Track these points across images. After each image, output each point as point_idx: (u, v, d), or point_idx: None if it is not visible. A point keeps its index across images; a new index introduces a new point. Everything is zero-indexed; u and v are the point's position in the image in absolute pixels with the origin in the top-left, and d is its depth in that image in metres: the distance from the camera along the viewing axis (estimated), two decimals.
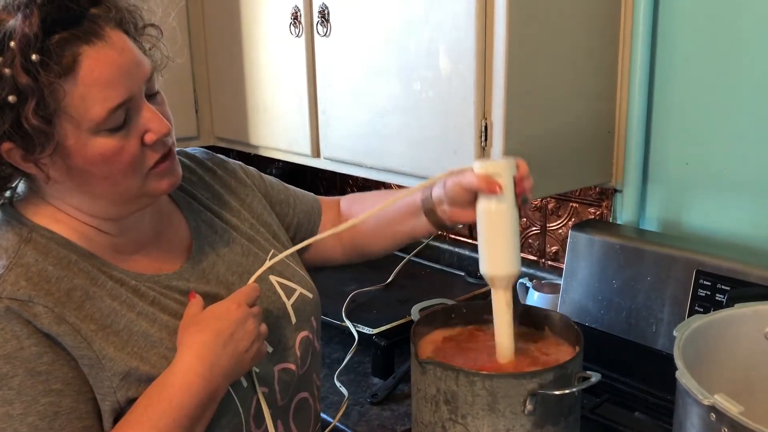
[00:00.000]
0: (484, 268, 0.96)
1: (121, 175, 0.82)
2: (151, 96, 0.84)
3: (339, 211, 1.20)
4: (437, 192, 1.01)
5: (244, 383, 0.92)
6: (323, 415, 1.29)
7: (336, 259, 1.20)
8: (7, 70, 0.72)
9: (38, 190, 0.86)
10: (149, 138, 0.82)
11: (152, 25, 0.88)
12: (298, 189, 1.19)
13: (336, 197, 1.24)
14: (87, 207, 0.86)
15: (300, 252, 1.14)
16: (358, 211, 1.14)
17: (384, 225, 1.12)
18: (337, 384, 1.41)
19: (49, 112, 0.74)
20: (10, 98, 0.73)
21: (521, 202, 0.94)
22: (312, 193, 1.21)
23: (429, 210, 1.03)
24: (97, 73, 0.76)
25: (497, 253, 0.95)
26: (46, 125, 0.75)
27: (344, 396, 1.36)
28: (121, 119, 0.79)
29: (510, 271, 0.95)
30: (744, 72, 1.26)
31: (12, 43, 0.72)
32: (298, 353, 1.01)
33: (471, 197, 0.95)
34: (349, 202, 1.21)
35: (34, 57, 0.72)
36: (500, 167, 0.93)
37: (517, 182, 0.93)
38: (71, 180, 0.82)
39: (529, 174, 0.95)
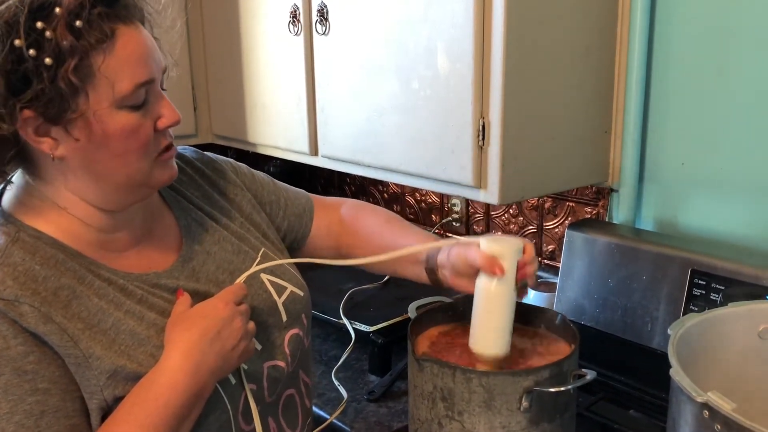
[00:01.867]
0: (471, 343, 0.98)
1: (134, 154, 0.84)
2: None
3: (338, 216, 1.19)
4: (441, 257, 1.03)
5: (233, 380, 0.92)
6: (320, 412, 1.29)
7: (325, 257, 1.18)
8: (48, 33, 0.75)
9: (37, 174, 0.86)
10: (162, 123, 0.86)
11: (155, 38, 0.90)
12: (291, 188, 1.19)
13: (337, 199, 1.23)
14: (87, 192, 0.86)
15: (291, 249, 1.15)
16: (363, 228, 1.15)
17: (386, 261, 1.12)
18: (335, 382, 1.41)
19: (86, 74, 0.78)
20: (47, 60, 0.75)
21: (520, 285, 0.95)
22: (305, 192, 1.20)
23: (430, 269, 1.06)
24: (130, 48, 0.81)
25: (486, 332, 0.97)
26: (82, 84, 0.78)
27: (341, 393, 1.36)
28: (141, 98, 0.83)
29: (495, 353, 0.96)
30: (741, 73, 1.27)
31: (57, 9, 0.76)
32: (288, 351, 1.01)
33: (473, 271, 0.97)
34: (353, 211, 1.20)
35: (78, 23, 0.76)
36: (505, 250, 0.93)
37: (519, 266, 0.94)
38: (83, 154, 0.82)
39: (534, 259, 0.97)
